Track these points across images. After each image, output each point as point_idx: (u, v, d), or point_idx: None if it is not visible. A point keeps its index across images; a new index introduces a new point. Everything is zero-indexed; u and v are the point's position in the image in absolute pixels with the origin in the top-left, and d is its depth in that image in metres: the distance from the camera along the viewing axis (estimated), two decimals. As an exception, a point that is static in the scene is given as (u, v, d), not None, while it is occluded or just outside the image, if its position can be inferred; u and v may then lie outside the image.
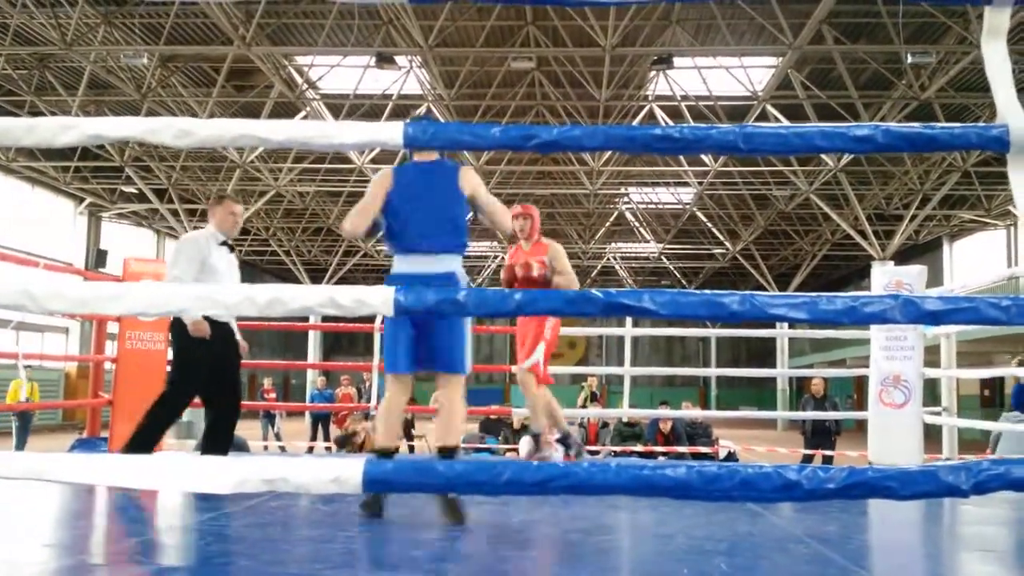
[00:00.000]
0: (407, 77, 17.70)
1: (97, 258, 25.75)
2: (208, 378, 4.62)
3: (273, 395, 19.19)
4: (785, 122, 17.21)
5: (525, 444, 8.79)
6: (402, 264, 3.70)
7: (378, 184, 3.79)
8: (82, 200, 25.62)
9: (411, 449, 14.31)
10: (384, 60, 15.84)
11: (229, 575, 2.69)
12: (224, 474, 1.98)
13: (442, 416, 3.84)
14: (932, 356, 6.77)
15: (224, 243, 4.82)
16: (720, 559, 2.98)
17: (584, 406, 14.84)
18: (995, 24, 2.24)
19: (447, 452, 3.77)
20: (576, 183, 24.72)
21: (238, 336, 4.96)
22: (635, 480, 1.94)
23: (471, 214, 3.94)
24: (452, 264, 3.67)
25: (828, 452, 11.19)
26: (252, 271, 36.34)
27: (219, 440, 4.72)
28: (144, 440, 4.34)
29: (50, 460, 2.14)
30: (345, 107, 18.41)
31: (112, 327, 7.20)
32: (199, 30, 16.28)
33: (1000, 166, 20.92)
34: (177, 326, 4.52)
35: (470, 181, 3.80)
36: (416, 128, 2.20)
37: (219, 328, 4.55)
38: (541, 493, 1.96)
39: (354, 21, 15.60)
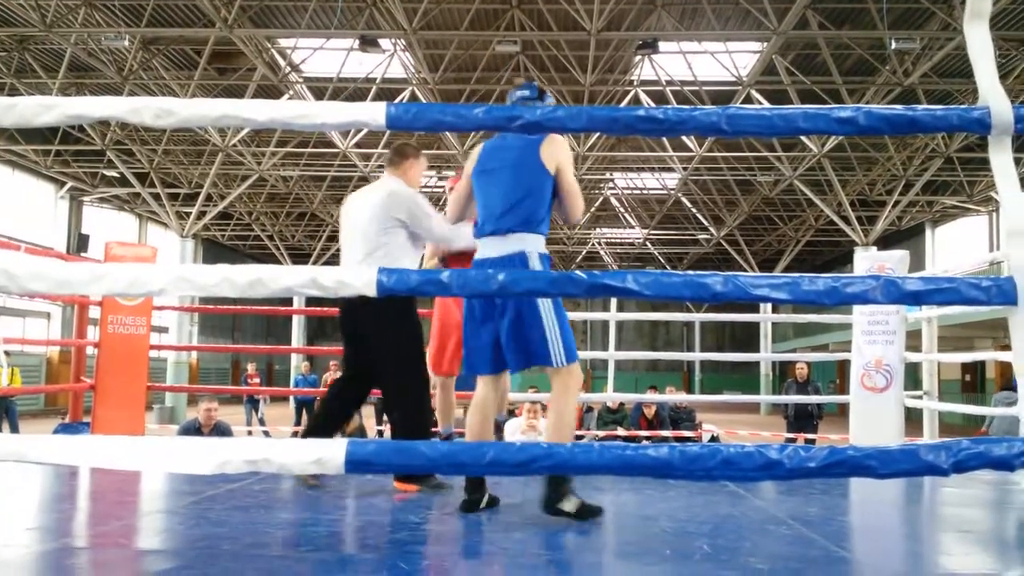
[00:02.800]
0: (391, 60, 17.62)
1: (79, 243, 25.58)
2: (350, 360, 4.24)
3: (257, 380, 19.18)
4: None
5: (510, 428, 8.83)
6: (480, 250, 3.37)
7: (466, 166, 3.60)
8: (63, 184, 25.43)
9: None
10: (368, 43, 15.74)
11: (211, 558, 2.68)
12: (206, 455, 1.98)
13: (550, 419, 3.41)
14: (914, 341, 6.81)
15: None
16: (703, 540, 2.99)
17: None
18: (978, 7, 2.24)
19: None
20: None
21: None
22: (617, 460, 1.95)
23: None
24: (522, 244, 3.27)
25: (810, 436, 11.28)
26: (234, 255, 36.17)
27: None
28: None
29: (32, 442, 2.13)
30: (328, 90, 18.30)
31: (94, 312, 7.16)
32: (181, 12, 16.14)
33: (982, 151, 21.10)
34: (398, 303, 3.92)
35: (553, 154, 3.36)
36: (399, 109, 2.19)
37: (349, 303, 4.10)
38: (524, 474, 1.96)
39: (337, 3, 15.51)
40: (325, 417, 4.22)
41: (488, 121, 2.22)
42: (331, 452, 2.00)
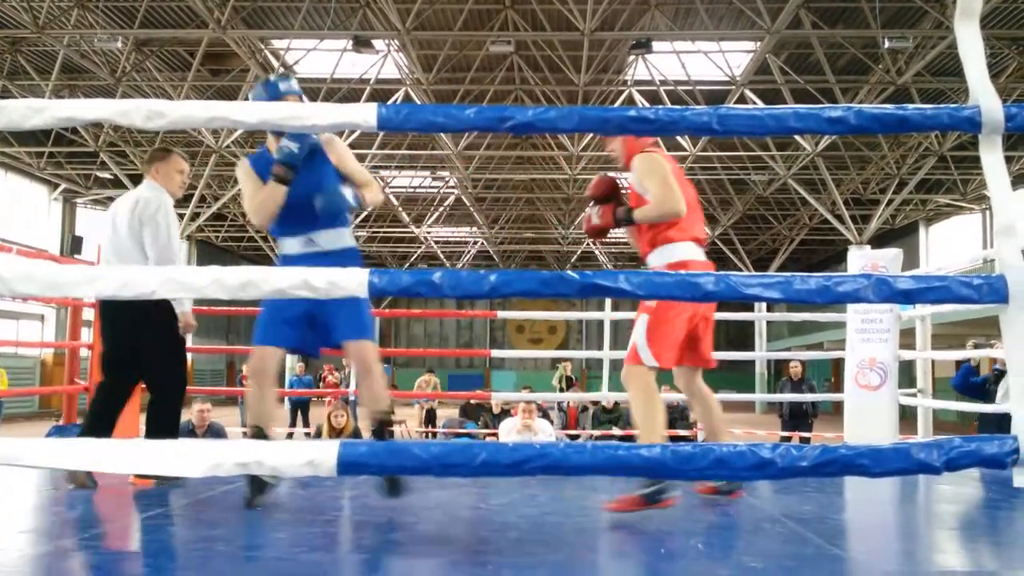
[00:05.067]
0: (385, 61, 17.60)
1: (73, 244, 25.50)
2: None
3: (252, 382, 19.09)
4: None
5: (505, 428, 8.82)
6: None
7: None
8: (57, 186, 25.34)
9: (390, 434, 14.31)
10: (361, 44, 15.72)
11: (205, 560, 2.68)
12: (197, 457, 1.97)
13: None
14: (909, 339, 6.83)
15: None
16: (696, 539, 3.00)
17: (561, 389, 14.92)
18: (968, 5, 2.25)
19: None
20: (555, 168, 24.69)
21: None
22: (610, 460, 1.95)
23: None
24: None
25: (805, 434, 11.29)
26: (229, 257, 36.10)
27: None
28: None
29: (25, 445, 2.12)
30: (322, 91, 18.28)
31: (87, 313, 7.14)
32: (174, 13, 16.11)
33: (975, 150, 21.06)
34: (154, 315, 4.09)
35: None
36: (390, 110, 2.19)
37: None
38: (517, 474, 1.96)
39: (331, 3, 15.48)
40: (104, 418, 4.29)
41: (479, 122, 2.22)
42: (323, 454, 2.00)
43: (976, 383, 7.38)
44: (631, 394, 3.53)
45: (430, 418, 15.41)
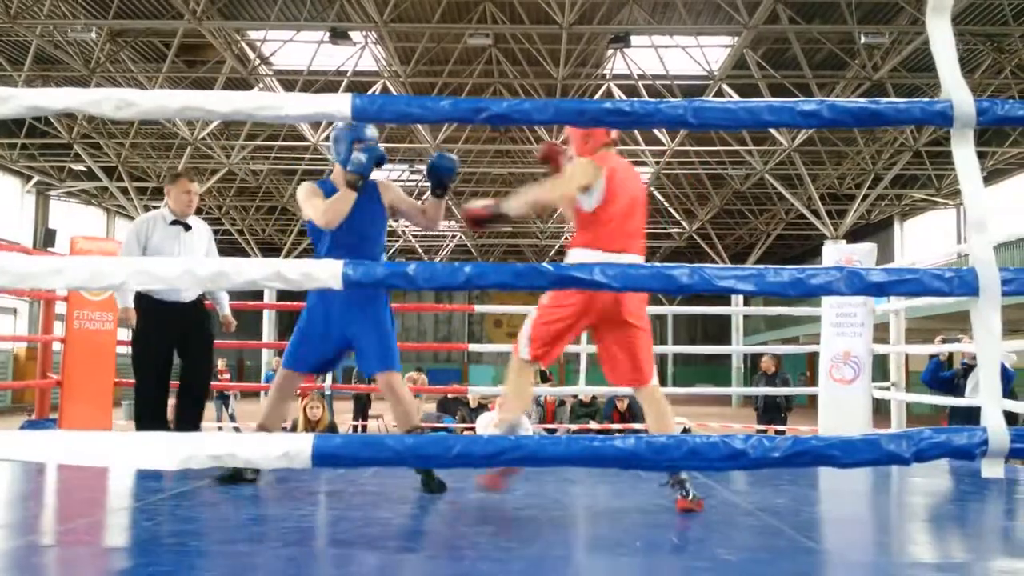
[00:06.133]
0: (362, 53, 17.50)
1: (46, 237, 25.22)
2: (167, 357, 4.82)
3: (227, 376, 19.03)
4: (740, 101, 17.32)
5: (482, 421, 8.83)
6: None
7: None
8: (30, 178, 25.05)
9: (364, 428, 14.31)
10: (338, 35, 15.63)
11: (180, 554, 2.66)
12: (171, 450, 1.96)
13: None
14: (883, 333, 6.88)
15: (177, 222, 4.86)
16: (672, 532, 3.01)
17: (536, 383, 14.92)
18: (940, 1, 2.26)
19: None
20: (534, 162, 24.67)
21: (226, 311, 5.43)
22: (585, 451, 1.96)
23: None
24: None
25: (780, 427, 11.37)
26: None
27: (186, 420, 4.84)
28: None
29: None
30: (299, 83, 18.15)
31: (60, 307, 7.07)
32: (149, 4, 15.94)
33: (950, 145, 21.19)
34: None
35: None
36: (364, 100, 2.17)
37: (179, 307, 4.79)
38: (491, 465, 1.96)
39: (308, -5, 15.39)
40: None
41: (455, 113, 2.21)
42: (298, 446, 1.99)
43: (945, 377, 7.46)
44: (507, 377, 3.80)
45: None
